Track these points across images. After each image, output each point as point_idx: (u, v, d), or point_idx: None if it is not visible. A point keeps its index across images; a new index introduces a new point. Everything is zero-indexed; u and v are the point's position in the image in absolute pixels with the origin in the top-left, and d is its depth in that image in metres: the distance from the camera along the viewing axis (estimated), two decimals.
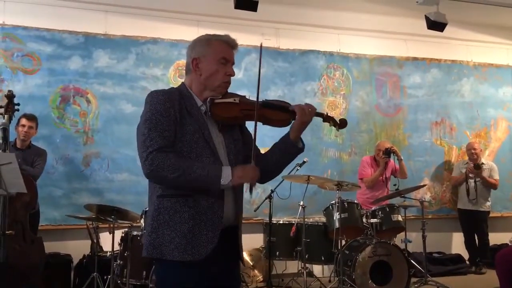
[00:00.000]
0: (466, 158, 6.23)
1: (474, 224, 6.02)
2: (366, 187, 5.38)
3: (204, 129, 1.95)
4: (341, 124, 2.18)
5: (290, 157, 2.14)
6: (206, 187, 1.86)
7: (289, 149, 2.09)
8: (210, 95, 2.00)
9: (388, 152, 5.29)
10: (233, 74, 2.03)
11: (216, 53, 1.99)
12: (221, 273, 1.95)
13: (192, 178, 1.83)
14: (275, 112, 2.06)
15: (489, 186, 5.99)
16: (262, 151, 2.17)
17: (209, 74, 1.99)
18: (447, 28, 5.77)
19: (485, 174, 5.98)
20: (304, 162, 4.69)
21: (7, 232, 3.25)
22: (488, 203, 6.03)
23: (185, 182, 1.84)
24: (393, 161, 5.43)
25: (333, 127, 2.20)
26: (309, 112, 2.03)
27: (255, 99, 2.01)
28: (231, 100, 2.02)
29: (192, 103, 1.98)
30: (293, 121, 2.07)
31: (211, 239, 1.86)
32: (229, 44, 2.02)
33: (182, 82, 2.07)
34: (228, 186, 1.87)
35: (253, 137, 1.98)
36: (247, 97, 2.10)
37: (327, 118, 2.18)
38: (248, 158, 1.98)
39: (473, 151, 6.05)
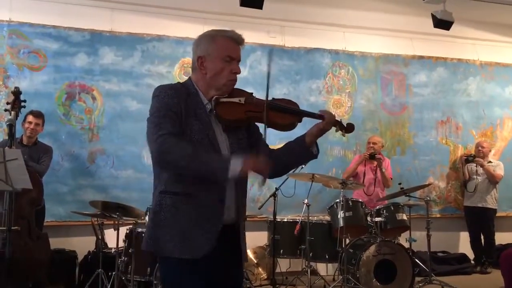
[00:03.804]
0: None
1: (481, 222, 6.00)
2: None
3: (209, 129, 1.93)
4: (348, 128, 2.07)
5: (302, 161, 2.13)
6: (214, 173, 1.79)
7: (303, 153, 2.04)
8: (216, 94, 1.97)
9: (372, 156, 5.28)
10: (238, 71, 1.99)
11: (220, 51, 1.94)
12: (222, 271, 1.95)
13: (201, 162, 1.80)
14: (281, 115, 1.98)
15: (491, 177, 5.96)
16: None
17: (214, 73, 1.95)
18: (453, 27, 5.74)
19: (491, 170, 5.98)
20: None
21: (13, 228, 3.26)
22: (494, 201, 6.01)
23: (194, 166, 1.80)
24: (384, 165, 5.41)
25: (339, 132, 2.08)
26: (331, 120, 2.00)
27: (261, 97, 1.97)
28: (236, 100, 1.97)
29: (198, 101, 1.96)
30: (298, 123, 2.01)
31: (209, 240, 1.86)
32: (235, 41, 1.98)
33: (189, 77, 2.04)
34: (236, 175, 1.78)
35: (263, 135, 1.93)
36: (254, 95, 2.03)
37: (335, 123, 2.05)
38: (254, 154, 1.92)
39: (480, 148, 6.10)
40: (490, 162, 6.08)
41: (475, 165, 6.02)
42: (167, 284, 1.96)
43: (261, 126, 1.98)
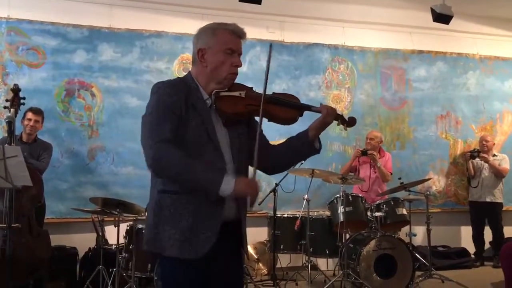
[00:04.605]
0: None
1: (489, 217, 5.99)
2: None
3: (208, 124, 1.90)
4: (350, 122, 2.06)
5: (304, 156, 2.11)
6: (204, 190, 1.81)
7: (305, 147, 2.02)
8: (216, 87, 1.95)
9: (364, 153, 5.29)
10: (240, 64, 1.96)
11: (222, 44, 1.92)
12: (222, 269, 1.93)
13: (193, 178, 1.80)
14: (281, 108, 1.97)
15: (497, 172, 5.95)
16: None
17: (215, 65, 1.93)
18: (453, 21, 5.72)
19: (496, 164, 5.97)
20: None
21: (13, 225, 3.27)
22: (501, 195, 6.01)
23: (186, 179, 1.81)
24: (383, 160, 5.41)
25: (341, 125, 2.07)
26: (332, 113, 1.98)
27: (262, 92, 1.94)
28: (236, 94, 1.95)
29: (198, 95, 1.93)
30: (299, 118, 2.00)
31: (210, 239, 1.84)
32: (236, 34, 1.95)
33: (189, 72, 2.01)
34: (227, 195, 1.79)
35: (257, 142, 1.87)
36: (254, 89, 2.02)
37: (336, 117, 2.03)
38: (252, 153, 1.88)
39: (484, 142, 6.09)
40: (494, 155, 6.07)
41: (480, 160, 6.01)
42: (167, 284, 1.93)
43: (264, 120, 1.97)
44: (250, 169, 1.91)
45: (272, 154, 2.06)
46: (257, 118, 1.95)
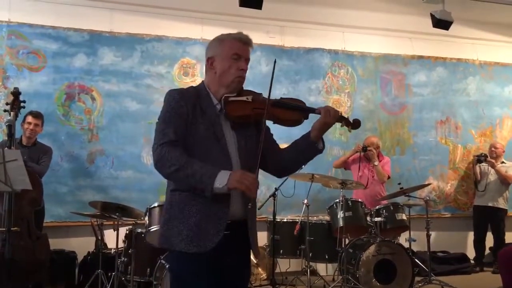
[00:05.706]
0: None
1: (491, 222, 5.97)
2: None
3: (216, 126, 2.01)
4: (354, 124, 2.11)
5: (308, 156, 2.16)
6: (200, 187, 1.89)
7: (308, 148, 2.11)
8: (225, 91, 2.07)
9: (364, 149, 5.28)
10: (245, 68, 2.08)
11: (228, 50, 2.06)
12: (230, 267, 2.01)
13: (187, 174, 1.88)
14: (286, 111, 2.08)
15: (503, 179, 5.94)
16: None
17: (223, 70, 2.06)
18: (452, 26, 5.75)
19: (502, 171, 5.96)
20: None
21: (12, 228, 3.26)
22: (505, 201, 5.99)
23: (181, 176, 1.90)
24: (381, 163, 5.40)
25: (345, 127, 2.12)
26: (333, 114, 2.04)
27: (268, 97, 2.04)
28: (244, 98, 2.07)
29: (208, 101, 2.06)
30: (305, 120, 2.09)
31: (216, 233, 1.93)
32: (241, 41, 2.09)
33: (202, 81, 2.15)
34: (223, 190, 1.87)
35: (261, 141, 1.96)
36: (263, 95, 2.12)
37: (340, 119, 2.09)
38: (261, 155, 1.96)
39: (493, 149, 6.11)
40: (503, 163, 6.06)
41: (486, 165, 6.01)
42: (175, 277, 2.05)
43: (270, 124, 2.08)
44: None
45: (280, 157, 2.16)
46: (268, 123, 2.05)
